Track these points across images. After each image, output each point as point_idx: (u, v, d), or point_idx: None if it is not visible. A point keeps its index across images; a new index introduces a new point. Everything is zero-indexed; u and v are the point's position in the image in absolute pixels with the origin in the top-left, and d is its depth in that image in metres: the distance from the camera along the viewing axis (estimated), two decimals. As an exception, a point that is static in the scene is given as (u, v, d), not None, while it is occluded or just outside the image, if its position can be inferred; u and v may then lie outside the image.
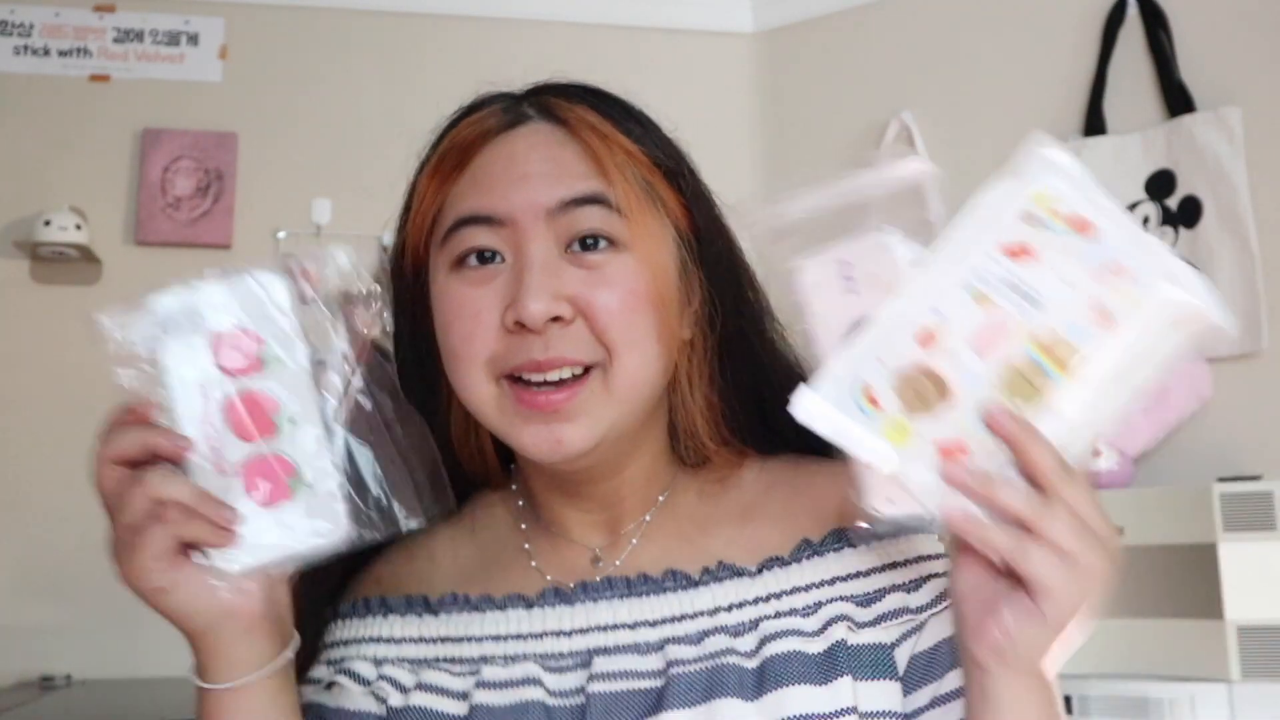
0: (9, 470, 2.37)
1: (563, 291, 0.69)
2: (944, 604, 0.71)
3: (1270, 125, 2.05)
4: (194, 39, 2.58)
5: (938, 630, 0.71)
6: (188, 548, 0.64)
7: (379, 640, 0.77)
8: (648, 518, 0.78)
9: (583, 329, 0.70)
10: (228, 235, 2.51)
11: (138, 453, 0.64)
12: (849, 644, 0.70)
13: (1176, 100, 2.12)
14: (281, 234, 2.54)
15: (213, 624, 0.65)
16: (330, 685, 0.77)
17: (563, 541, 0.79)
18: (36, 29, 2.54)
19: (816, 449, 0.76)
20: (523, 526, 0.81)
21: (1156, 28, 2.17)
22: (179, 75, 2.56)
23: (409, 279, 0.77)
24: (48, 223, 2.34)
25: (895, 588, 0.72)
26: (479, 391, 0.71)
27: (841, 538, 0.74)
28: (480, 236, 0.71)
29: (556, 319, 0.69)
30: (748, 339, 0.79)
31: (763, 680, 0.68)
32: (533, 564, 0.79)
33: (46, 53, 2.54)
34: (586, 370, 0.70)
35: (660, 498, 0.79)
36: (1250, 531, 1.71)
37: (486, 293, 0.71)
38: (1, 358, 2.41)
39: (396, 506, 0.66)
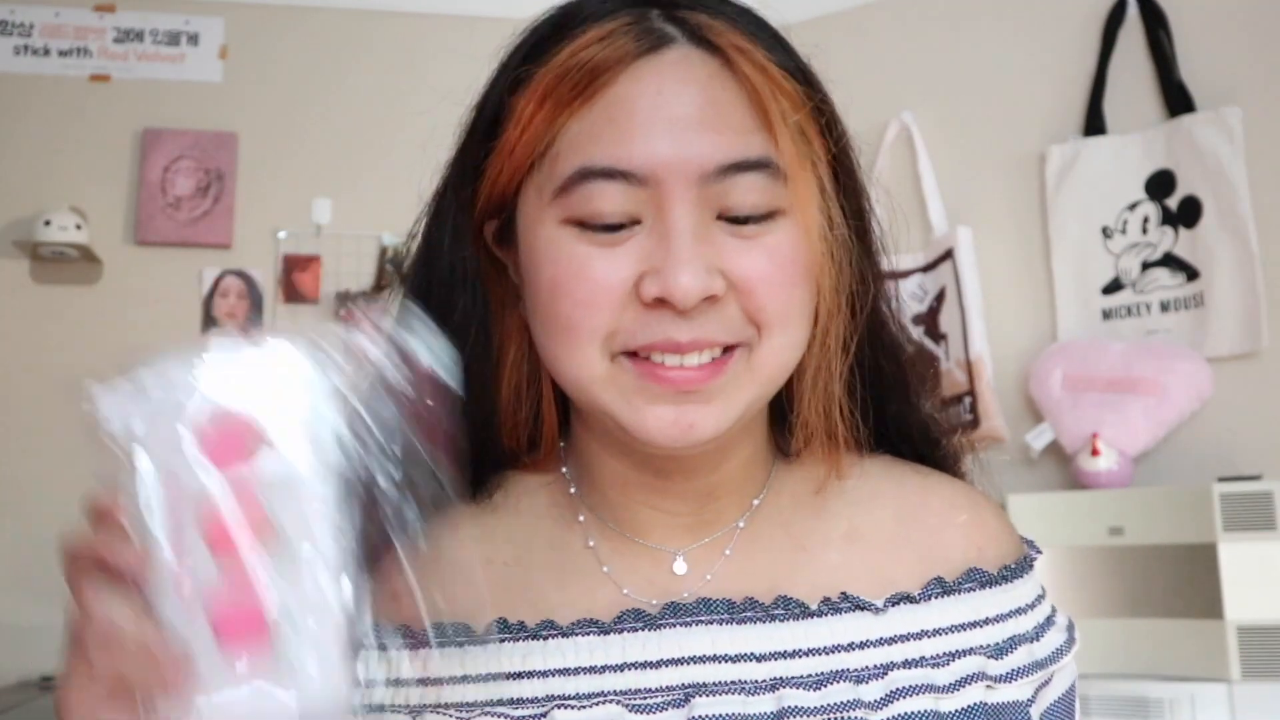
0: (9, 470, 2.37)
1: (716, 263, 0.57)
2: (1068, 655, 0.67)
3: (1270, 125, 2.05)
4: (194, 39, 2.58)
5: (1062, 681, 0.67)
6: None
7: (409, 683, 0.63)
8: (741, 524, 0.66)
9: (734, 306, 0.58)
10: (228, 235, 2.51)
11: (88, 558, 0.49)
12: (987, 704, 0.62)
13: (1176, 100, 2.12)
14: (281, 234, 2.54)
15: None
16: None
17: (636, 545, 0.66)
18: (36, 29, 2.54)
19: (911, 442, 0.71)
20: (581, 519, 0.67)
21: (1156, 28, 2.17)
22: (179, 75, 2.56)
23: (476, 212, 0.64)
24: (48, 223, 2.34)
25: (1023, 638, 0.65)
26: (589, 369, 0.59)
27: (972, 577, 0.65)
28: (612, 198, 0.57)
29: (709, 297, 0.57)
30: (878, 316, 0.67)
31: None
32: (605, 569, 0.65)
33: (46, 53, 2.54)
34: (728, 349, 0.59)
35: (755, 501, 0.67)
36: (1250, 531, 1.71)
37: (615, 255, 0.57)
38: (1, 358, 2.41)
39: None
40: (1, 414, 2.39)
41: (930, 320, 2.36)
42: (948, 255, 2.31)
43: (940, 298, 2.33)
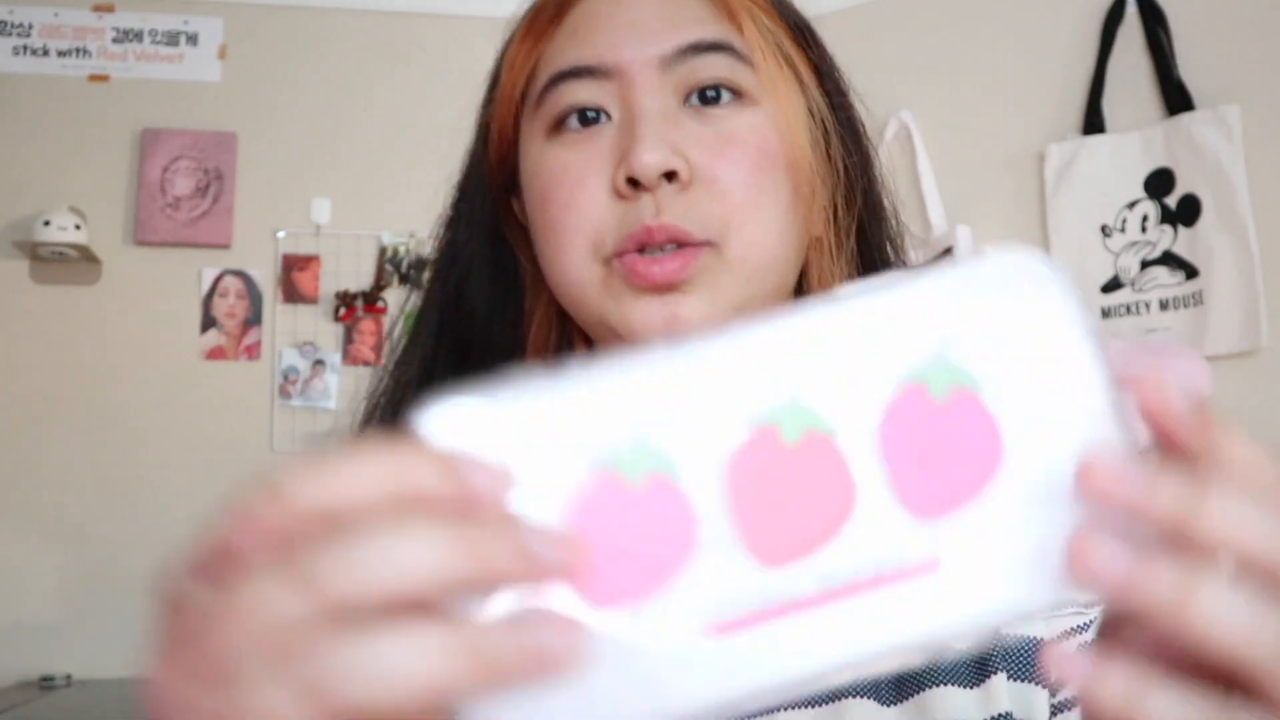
0: (9, 470, 2.37)
1: (682, 147, 0.57)
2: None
3: (1269, 124, 2.05)
4: (193, 39, 2.58)
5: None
6: None
7: None
8: None
9: (700, 197, 0.58)
10: (227, 235, 2.51)
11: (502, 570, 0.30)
12: (1002, 634, 0.58)
13: (1175, 99, 2.12)
14: (281, 233, 2.55)
15: None
16: None
17: None
18: (36, 29, 2.54)
19: None
20: None
21: (1155, 26, 2.17)
22: (178, 75, 2.56)
23: (493, 170, 0.66)
24: (47, 223, 2.34)
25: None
26: (580, 273, 0.59)
27: None
28: (581, 91, 0.59)
29: (672, 175, 0.57)
30: (880, 242, 0.68)
31: (903, 679, 0.57)
32: None
33: (46, 53, 2.54)
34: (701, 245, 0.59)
35: None
36: (1249, 529, 1.71)
37: (591, 154, 0.59)
38: (1, 358, 2.41)
39: None
40: (1, 414, 2.39)
41: (929, 319, 2.36)
42: (947, 254, 2.31)
43: (939, 296, 2.34)
